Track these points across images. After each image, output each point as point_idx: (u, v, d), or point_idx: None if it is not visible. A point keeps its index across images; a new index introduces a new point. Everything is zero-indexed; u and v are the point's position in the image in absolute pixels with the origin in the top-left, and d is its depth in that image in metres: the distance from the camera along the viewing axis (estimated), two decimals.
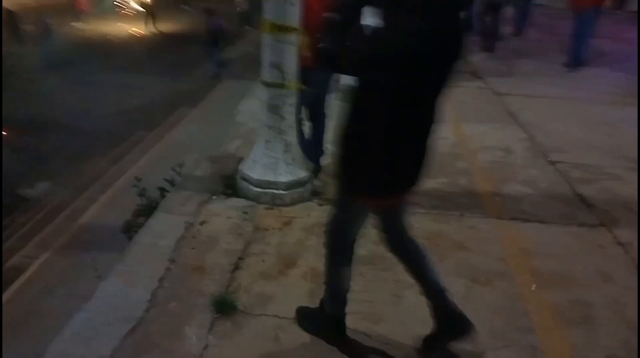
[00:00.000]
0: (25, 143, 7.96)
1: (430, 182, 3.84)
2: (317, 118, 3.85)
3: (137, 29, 18.31)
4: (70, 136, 7.70)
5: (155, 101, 9.41)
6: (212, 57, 11.18)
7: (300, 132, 3.72)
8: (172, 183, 3.84)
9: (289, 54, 3.18)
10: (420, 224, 3.22)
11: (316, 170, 3.81)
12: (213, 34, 11.18)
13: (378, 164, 1.81)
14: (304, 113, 3.88)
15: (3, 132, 9.39)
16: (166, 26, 18.53)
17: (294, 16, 3.10)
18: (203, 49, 11.39)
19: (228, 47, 12.13)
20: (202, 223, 3.15)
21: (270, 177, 3.37)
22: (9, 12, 15.29)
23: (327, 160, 4.01)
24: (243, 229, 3.11)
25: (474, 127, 5.07)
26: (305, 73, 3.35)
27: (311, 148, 3.82)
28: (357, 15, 1.74)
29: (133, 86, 10.35)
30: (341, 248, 2.12)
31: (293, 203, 3.41)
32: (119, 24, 19.25)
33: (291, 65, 3.21)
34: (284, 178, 3.38)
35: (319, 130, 3.88)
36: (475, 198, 3.69)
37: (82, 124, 8.14)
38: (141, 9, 19.74)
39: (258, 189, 3.40)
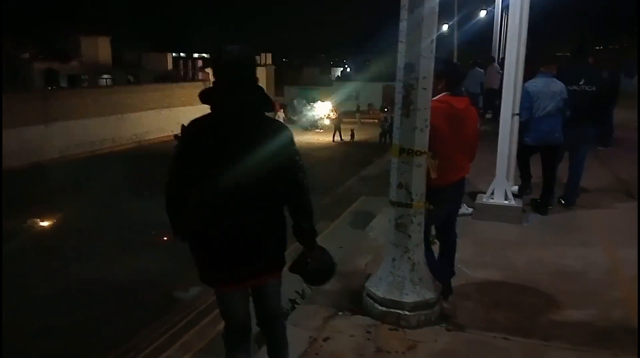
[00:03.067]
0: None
1: (576, 313, 3.47)
2: (447, 237, 3.79)
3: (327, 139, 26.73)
4: None
5: None
6: None
7: (430, 252, 3.67)
8: (302, 295, 3.96)
9: (416, 175, 3.26)
10: None
11: (446, 292, 3.68)
12: None
13: (198, 258, 2.32)
14: (434, 233, 3.86)
15: (164, 238, 10.62)
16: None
17: (422, 141, 3.23)
18: None
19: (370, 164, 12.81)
20: (325, 340, 3.16)
21: (395, 296, 3.32)
22: None
23: (458, 281, 3.87)
24: (365, 349, 3.05)
25: (629, 252, 4.51)
26: (433, 193, 3.39)
27: (441, 268, 3.73)
28: None
29: None
30: (229, 330, 2.47)
31: (419, 325, 3.28)
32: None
33: (418, 185, 3.28)
34: (410, 298, 3.30)
35: (449, 249, 3.80)
36: (633, 335, 3.20)
37: None
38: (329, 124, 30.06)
39: (383, 308, 3.35)
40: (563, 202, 5.86)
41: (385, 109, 28.72)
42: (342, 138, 28.45)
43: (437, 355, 3.01)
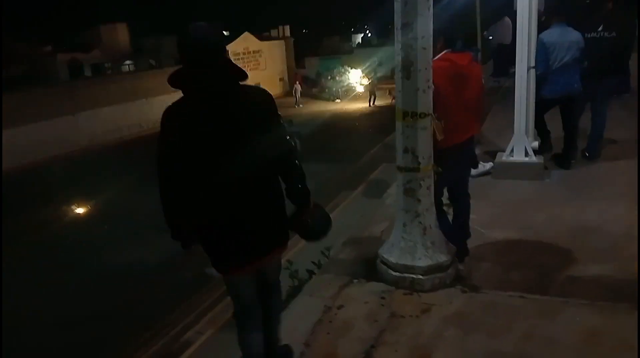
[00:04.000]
0: None
1: (594, 268, 3.40)
2: (460, 199, 3.74)
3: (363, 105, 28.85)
4: None
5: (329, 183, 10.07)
6: None
7: (443, 215, 3.63)
8: (319, 265, 4.00)
9: (422, 139, 3.20)
10: (581, 317, 2.85)
11: (462, 254, 3.65)
12: None
13: (206, 245, 2.30)
14: (447, 195, 3.81)
15: None
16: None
17: (425, 103, 3.16)
18: None
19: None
20: (339, 307, 3.19)
21: (408, 261, 3.32)
22: None
23: (474, 243, 3.83)
24: (379, 315, 3.06)
25: None
26: (441, 155, 3.33)
27: (455, 231, 3.69)
28: None
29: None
30: (240, 312, 2.49)
31: (433, 288, 3.28)
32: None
33: (425, 149, 3.23)
34: (423, 262, 3.29)
35: (462, 211, 3.75)
36: None
37: None
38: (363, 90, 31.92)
39: (396, 274, 3.35)
40: (587, 155, 5.68)
41: None
42: (375, 103, 30.22)
43: (452, 316, 3.00)
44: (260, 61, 35.71)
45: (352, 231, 4.56)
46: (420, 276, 3.28)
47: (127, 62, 34.28)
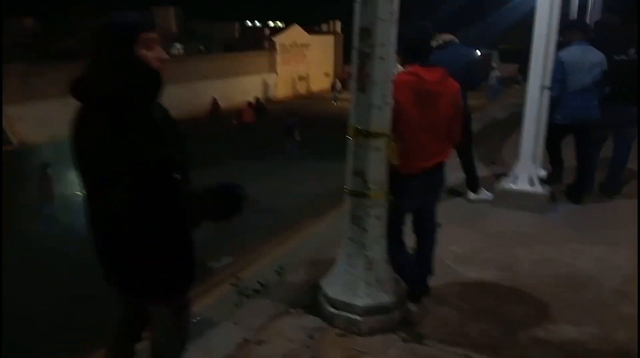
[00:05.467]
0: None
1: (570, 330, 2.92)
2: (423, 232, 3.30)
3: None
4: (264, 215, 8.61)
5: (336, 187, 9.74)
6: None
7: (400, 248, 3.20)
8: (264, 286, 3.64)
9: (374, 161, 2.78)
10: None
11: (420, 293, 3.21)
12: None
13: None
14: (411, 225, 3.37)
15: None
16: None
17: (380, 121, 2.74)
18: None
19: None
20: (259, 343, 2.82)
21: (347, 297, 2.91)
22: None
23: (441, 280, 3.39)
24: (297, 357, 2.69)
25: None
26: (400, 182, 2.90)
27: (416, 266, 3.26)
28: None
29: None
30: None
31: (371, 332, 2.86)
32: None
33: (376, 173, 2.80)
34: (363, 301, 2.87)
35: (426, 245, 3.31)
36: None
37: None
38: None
39: (333, 310, 2.95)
40: (604, 190, 5.06)
41: None
42: None
43: None
44: (307, 54, 35.51)
45: (319, 251, 4.18)
46: (358, 317, 2.87)
47: (178, 46, 34.78)
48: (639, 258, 3.03)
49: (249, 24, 42.55)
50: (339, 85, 30.56)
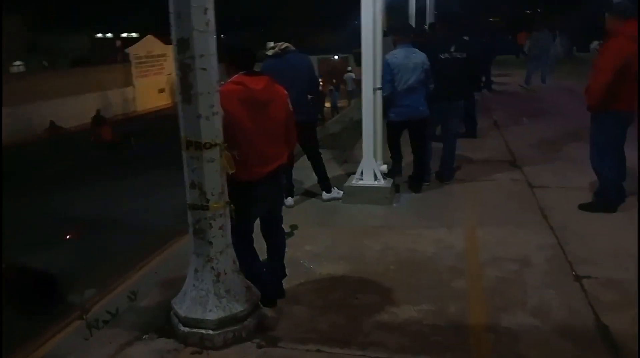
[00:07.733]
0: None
1: (409, 310, 3.14)
2: (272, 236, 3.37)
3: None
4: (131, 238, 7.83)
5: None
6: None
7: (250, 255, 3.23)
8: (115, 314, 3.44)
9: (209, 172, 2.77)
10: None
11: (274, 298, 3.27)
12: None
13: None
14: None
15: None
16: None
17: (210, 131, 2.74)
18: None
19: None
20: None
21: (198, 314, 2.86)
22: None
23: (296, 281, 3.48)
24: None
25: (492, 232, 4.25)
26: (242, 190, 2.94)
27: (268, 271, 3.31)
28: None
29: None
30: None
31: (226, 344, 2.85)
32: None
33: (214, 183, 2.80)
34: (214, 314, 2.85)
35: (277, 249, 3.39)
36: (462, 334, 2.90)
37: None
38: None
39: (185, 329, 2.89)
40: (440, 178, 5.58)
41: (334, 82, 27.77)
42: None
43: None
44: (165, 65, 34.23)
45: (176, 269, 4.04)
46: (211, 332, 2.84)
47: (17, 63, 31.53)
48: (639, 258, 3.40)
49: (100, 35, 39.91)
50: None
